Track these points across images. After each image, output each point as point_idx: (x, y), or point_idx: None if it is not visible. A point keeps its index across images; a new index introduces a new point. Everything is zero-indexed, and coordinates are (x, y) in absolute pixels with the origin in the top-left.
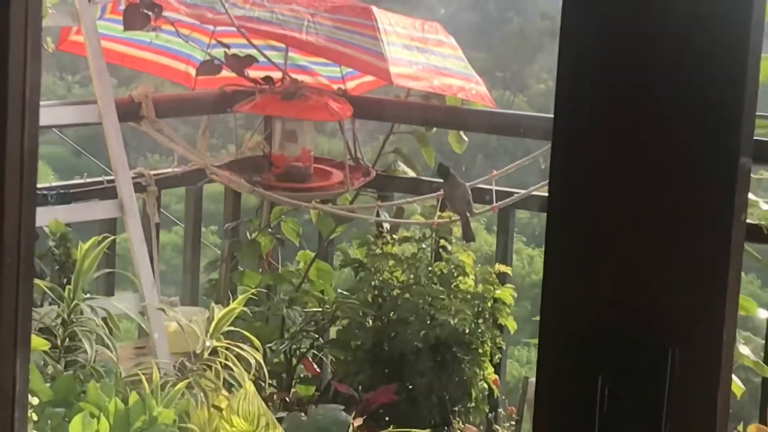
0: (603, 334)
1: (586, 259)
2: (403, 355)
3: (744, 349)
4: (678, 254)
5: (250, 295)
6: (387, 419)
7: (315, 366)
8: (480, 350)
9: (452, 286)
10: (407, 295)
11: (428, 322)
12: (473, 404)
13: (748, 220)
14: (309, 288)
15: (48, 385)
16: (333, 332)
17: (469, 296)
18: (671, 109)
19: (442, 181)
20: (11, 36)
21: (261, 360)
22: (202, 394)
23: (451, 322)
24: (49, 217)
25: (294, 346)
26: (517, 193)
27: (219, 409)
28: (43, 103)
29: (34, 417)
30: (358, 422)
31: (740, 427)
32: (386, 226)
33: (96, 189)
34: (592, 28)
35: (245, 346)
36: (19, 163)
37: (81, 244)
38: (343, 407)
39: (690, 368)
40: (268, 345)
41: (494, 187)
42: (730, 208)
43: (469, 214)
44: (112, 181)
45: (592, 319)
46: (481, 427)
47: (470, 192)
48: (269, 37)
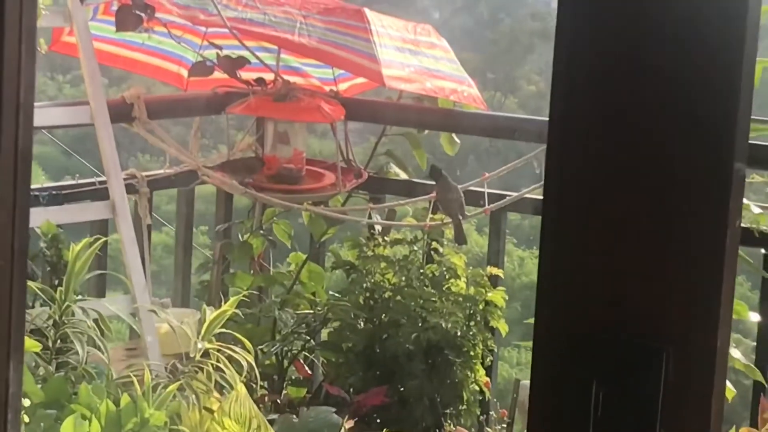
0: (598, 337)
1: (581, 262)
2: (394, 357)
3: (735, 352)
4: (673, 258)
5: (242, 297)
6: (378, 421)
7: (306, 368)
8: (471, 353)
9: (444, 288)
10: (399, 298)
11: (420, 324)
12: (464, 407)
13: None
14: (300, 290)
15: (39, 386)
16: (324, 334)
17: (460, 299)
18: (666, 113)
19: (435, 183)
20: (6, 36)
21: (253, 362)
22: (193, 396)
23: (443, 325)
24: (40, 218)
25: (285, 348)
26: (509, 195)
27: (210, 411)
28: (35, 103)
29: (26, 419)
30: (349, 424)
31: (732, 430)
32: (378, 228)
33: (88, 190)
34: (587, 31)
35: (237, 348)
36: (12, 163)
37: (73, 246)
38: (334, 409)
39: (684, 372)
40: (260, 347)
41: (486, 190)
42: (725, 213)
43: (461, 217)
44: (104, 182)
45: (586, 322)
46: (473, 430)
47: (462, 194)
48: (261, 38)
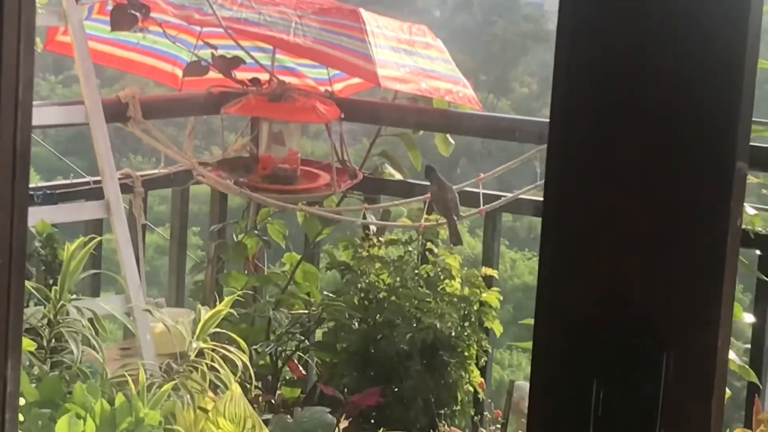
0: (598, 338)
1: (581, 263)
2: (389, 357)
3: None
4: (673, 259)
5: (236, 297)
6: (373, 422)
7: (301, 368)
8: (466, 353)
9: (438, 289)
10: (393, 298)
11: (414, 324)
12: (459, 407)
13: None
14: (295, 290)
15: (34, 385)
16: (319, 334)
17: (455, 299)
18: (667, 113)
19: (429, 183)
20: (4, 34)
21: (247, 362)
22: (188, 395)
23: (438, 325)
24: (35, 217)
25: (280, 348)
26: (503, 196)
27: (205, 410)
28: None
29: (21, 418)
30: (343, 425)
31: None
32: (373, 228)
33: (82, 190)
34: (587, 31)
35: (231, 348)
36: (11, 163)
37: (68, 245)
38: (328, 410)
39: (685, 372)
40: (254, 347)
41: (481, 190)
42: (726, 213)
43: (456, 217)
44: (99, 182)
45: (586, 323)
46: (467, 430)
47: (457, 195)
48: (256, 38)
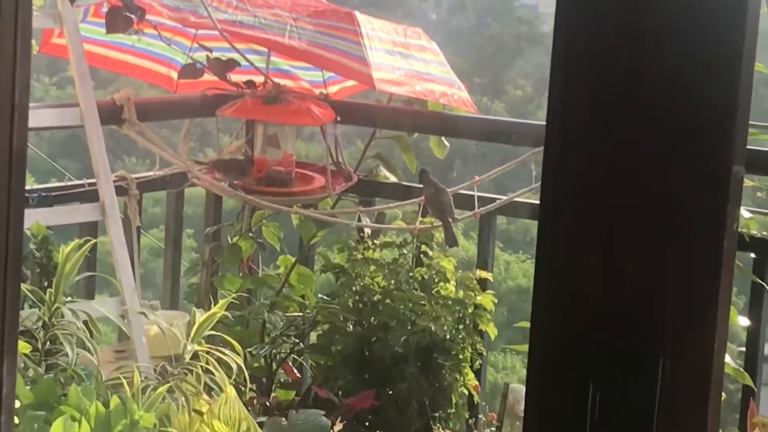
0: (594, 343)
1: (578, 268)
2: (383, 360)
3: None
4: (670, 264)
5: (231, 300)
6: (367, 425)
7: (295, 371)
8: (460, 356)
9: (433, 291)
10: (388, 301)
11: (409, 327)
12: (453, 410)
13: None
14: (290, 293)
15: (29, 388)
16: (313, 337)
17: (449, 302)
18: (664, 119)
19: (423, 186)
20: (1, 38)
21: (242, 364)
22: (183, 398)
23: (432, 328)
24: (30, 219)
25: (274, 351)
26: (498, 199)
27: (200, 413)
28: None
29: (15, 420)
30: (338, 427)
31: None
32: (367, 231)
33: (77, 192)
34: (585, 35)
35: (226, 351)
36: (7, 165)
37: (63, 247)
38: (323, 412)
39: (681, 376)
40: (249, 349)
41: (476, 193)
42: (723, 217)
43: (451, 220)
44: (94, 184)
45: (583, 327)
46: None
47: (452, 197)
48: (252, 41)
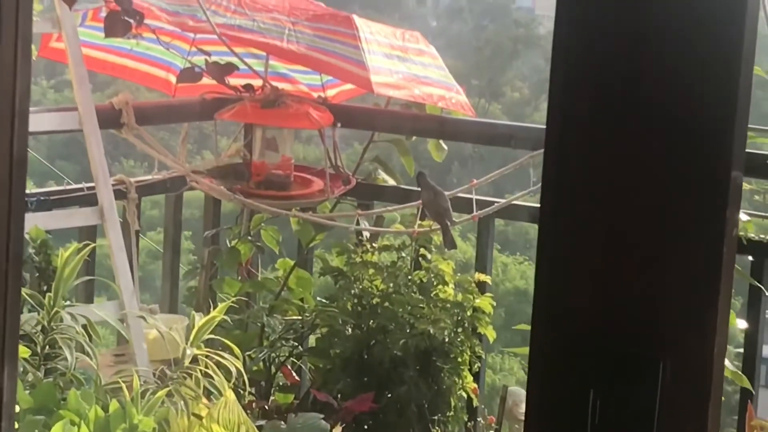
0: (594, 347)
1: (578, 271)
2: (382, 363)
3: None
4: (669, 268)
5: (230, 303)
6: (366, 428)
7: (294, 374)
8: (459, 359)
9: (432, 294)
10: (387, 304)
11: (408, 330)
12: (452, 413)
13: None
14: (288, 296)
15: (28, 392)
16: (312, 340)
17: (448, 305)
18: (664, 121)
19: (421, 189)
20: (2, 44)
21: (241, 368)
22: (182, 402)
23: (431, 331)
24: (29, 223)
25: (273, 354)
26: (496, 202)
27: (199, 417)
28: None
29: (15, 425)
30: (337, 431)
31: None
32: (366, 234)
33: (76, 196)
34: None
35: (225, 354)
36: (8, 170)
37: (62, 251)
38: (322, 416)
39: (681, 381)
40: (247, 353)
41: (474, 196)
42: (722, 222)
43: (449, 223)
44: (93, 188)
45: (583, 331)
46: None
47: (449, 200)
48: (250, 45)
